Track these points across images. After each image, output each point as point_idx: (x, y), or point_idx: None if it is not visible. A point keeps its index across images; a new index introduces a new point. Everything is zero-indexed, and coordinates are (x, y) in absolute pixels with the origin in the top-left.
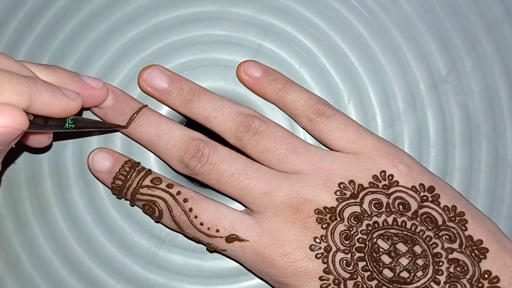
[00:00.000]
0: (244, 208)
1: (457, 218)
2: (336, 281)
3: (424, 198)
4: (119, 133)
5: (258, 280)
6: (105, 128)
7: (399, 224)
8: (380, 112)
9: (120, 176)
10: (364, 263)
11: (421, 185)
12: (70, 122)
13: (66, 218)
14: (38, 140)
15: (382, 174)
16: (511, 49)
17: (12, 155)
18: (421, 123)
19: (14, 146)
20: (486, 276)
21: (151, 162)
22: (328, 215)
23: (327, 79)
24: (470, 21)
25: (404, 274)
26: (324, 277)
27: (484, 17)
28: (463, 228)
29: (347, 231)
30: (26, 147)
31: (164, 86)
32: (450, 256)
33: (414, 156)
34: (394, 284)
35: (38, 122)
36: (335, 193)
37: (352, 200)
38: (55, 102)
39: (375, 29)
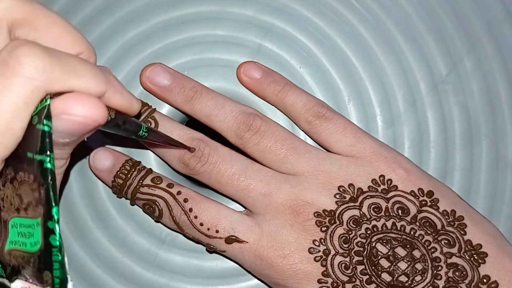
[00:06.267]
0: (244, 209)
1: (456, 223)
2: (335, 284)
3: (423, 202)
4: None
5: (257, 281)
6: (172, 144)
7: (398, 228)
8: (380, 112)
9: (121, 175)
10: (362, 266)
11: (420, 189)
12: (144, 130)
13: (66, 218)
14: None
15: (381, 178)
16: (511, 49)
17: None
18: (421, 123)
19: (86, 139)
20: (485, 280)
21: (151, 161)
22: (328, 218)
23: (327, 79)
24: (470, 21)
25: (403, 279)
26: (322, 280)
27: (484, 17)
28: (462, 232)
29: (346, 235)
30: None
31: (166, 83)
32: (449, 261)
33: (414, 156)
34: None
35: (118, 122)
36: (335, 196)
37: (352, 204)
38: (125, 93)
39: (375, 29)
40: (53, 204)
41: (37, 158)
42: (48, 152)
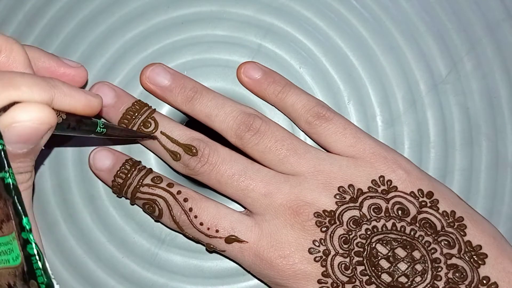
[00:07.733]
0: (244, 209)
1: (456, 224)
2: (335, 284)
3: (423, 203)
4: None
5: (257, 281)
6: (135, 137)
7: (398, 229)
8: (380, 112)
9: (121, 174)
10: (362, 267)
11: (420, 190)
12: (101, 127)
13: (66, 218)
14: None
15: (381, 179)
16: (511, 49)
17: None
18: (421, 123)
19: (44, 147)
20: (484, 282)
21: (151, 161)
22: (328, 219)
23: (327, 79)
24: (470, 21)
25: (403, 279)
26: (322, 280)
27: (484, 17)
28: (462, 233)
29: (346, 235)
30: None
31: (166, 83)
32: (449, 262)
33: (414, 156)
34: None
35: (71, 122)
36: (335, 196)
37: (352, 204)
38: (76, 95)
39: (375, 29)
40: (23, 215)
41: None
42: (6, 168)
